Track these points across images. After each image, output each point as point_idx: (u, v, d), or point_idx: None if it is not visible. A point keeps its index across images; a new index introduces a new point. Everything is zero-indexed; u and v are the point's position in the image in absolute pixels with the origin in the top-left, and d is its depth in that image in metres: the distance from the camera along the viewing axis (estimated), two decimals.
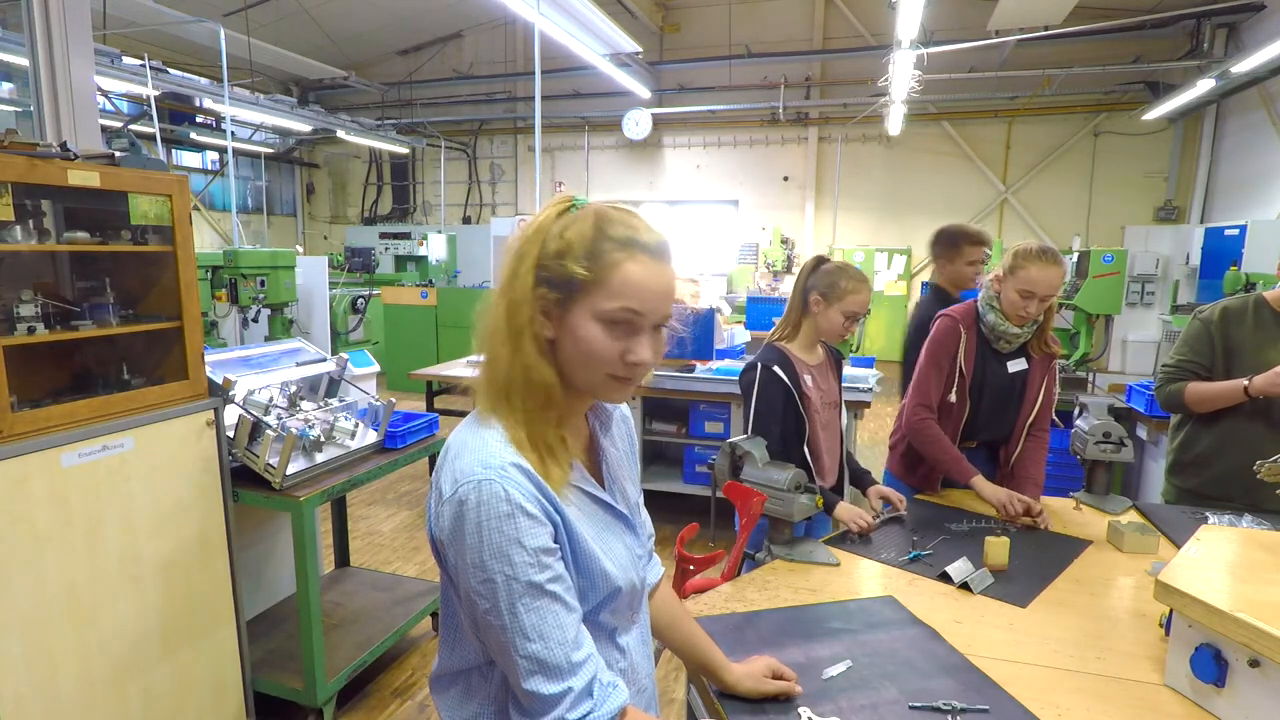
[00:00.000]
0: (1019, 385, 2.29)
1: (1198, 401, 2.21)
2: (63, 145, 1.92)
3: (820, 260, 2.15)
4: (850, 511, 1.99)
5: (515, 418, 0.90)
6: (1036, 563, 1.82)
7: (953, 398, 2.25)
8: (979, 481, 2.12)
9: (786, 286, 9.82)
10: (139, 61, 6.64)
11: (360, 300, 6.88)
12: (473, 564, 0.84)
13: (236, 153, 10.04)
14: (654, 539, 1.17)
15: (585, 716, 0.85)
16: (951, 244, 2.97)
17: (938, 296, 2.94)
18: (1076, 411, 2.35)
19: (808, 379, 2.12)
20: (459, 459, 0.88)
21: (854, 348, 4.44)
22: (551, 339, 0.91)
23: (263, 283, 4.42)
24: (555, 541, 0.88)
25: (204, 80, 8.39)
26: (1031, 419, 2.28)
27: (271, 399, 2.54)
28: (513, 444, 0.88)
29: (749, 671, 1.20)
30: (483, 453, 0.87)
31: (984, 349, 2.28)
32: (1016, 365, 2.28)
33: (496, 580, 0.83)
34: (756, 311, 7.39)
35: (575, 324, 0.89)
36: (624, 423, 1.14)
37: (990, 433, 2.34)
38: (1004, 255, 2.18)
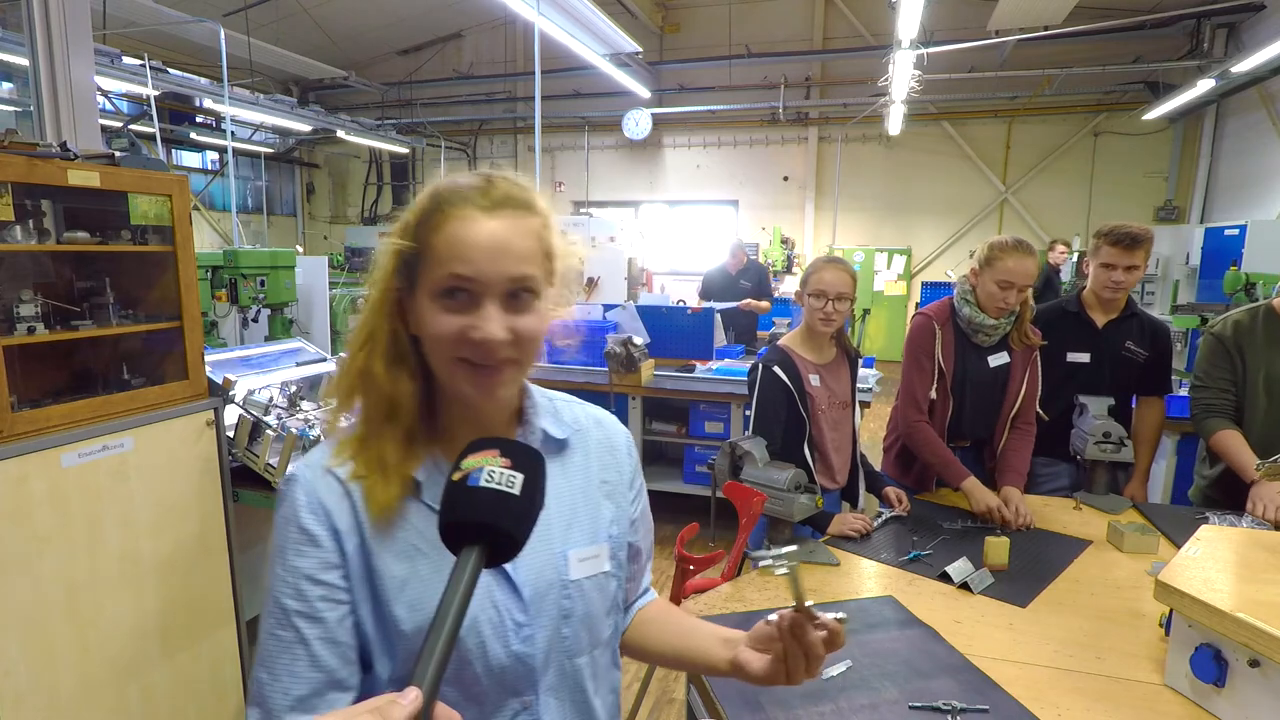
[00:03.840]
0: (1002, 379, 2.31)
1: (1219, 450, 2.22)
2: (63, 145, 1.92)
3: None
4: (842, 524, 1.99)
5: (360, 424, 0.80)
6: (1036, 563, 1.82)
7: (933, 394, 2.27)
8: (970, 485, 2.13)
9: (787, 286, 9.82)
10: (139, 61, 6.64)
11: (360, 300, 6.85)
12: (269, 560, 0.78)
13: (236, 153, 10.04)
14: (633, 588, 0.98)
15: None
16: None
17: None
18: (1077, 411, 2.35)
19: (813, 378, 2.12)
20: None
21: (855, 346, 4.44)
22: (415, 336, 0.79)
23: (263, 283, 4.42)
24: (343, 575, 0.76)
25: (204, 80, 8.38)
26: (1015, 411, 2.30)
27: (271, 399, 2.55)
28: (336, 451, 0.80)
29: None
30: (315, 452, 0.81)
31: (963, 344, 2.30)
32: (998, 359, 2.30)
33: (270, 580, 0.76)
34: None
35: (418, 309, 0.77)
36: (608, 454, 0.93)
37: (978, 429, 2.35)
38: (978, 249, 2.26)
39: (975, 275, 2.25)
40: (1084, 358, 2.42)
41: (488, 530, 0.58)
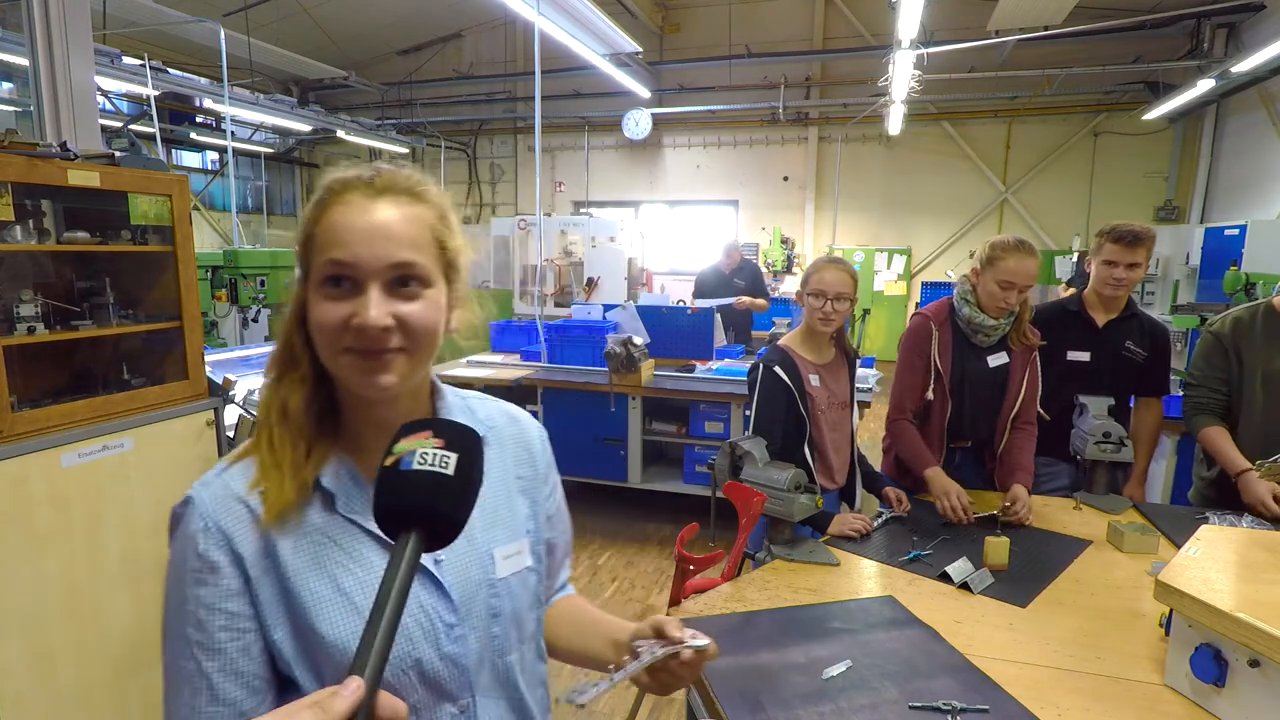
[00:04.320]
0: (1001, 379, 2.30)
1: (1205, 445, 2.26)
2: (63, 145, 1.92)
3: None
4: (842, 524, 2.00)
5: (262, 447, 0.76)
6: (1036, 563, 1.82)
7: (931, 395, 2.27)
8: (931, 473, 2.14)
9: (787, 286, 9.82)
10: (139, 61, 6.63)
11: None
12: (165, 586, 0.75)
13: (236, 153, 10.04)
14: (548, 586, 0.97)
15: None
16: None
17: None
18: (1077, 411, 2.35)
19: (813, 378, 2.12)
20: None
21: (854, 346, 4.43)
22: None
23: (262, 282, 4.43)
24: (247, 602, 0.73)
25: (204, 80, 8.38)
26: (1016, 411, 2.30)
27: None
28: (230, 461, 0.77)
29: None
30: (219, 473, 0.77)
31: (962, 345, 2.30)
32: (998, 360, 2.30)
33: (167, 605, 0.74)
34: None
35: (308, 305, 0.74)
36: (523, 450, 0.92)
37: (979, 429, 2.35)
38: (979, 249, 2.25)
39: (976, 275, 2.25)
40: (1084, 357, 2.42)
41: (424, 514, 0.56)
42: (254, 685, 0.73)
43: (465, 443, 0.60)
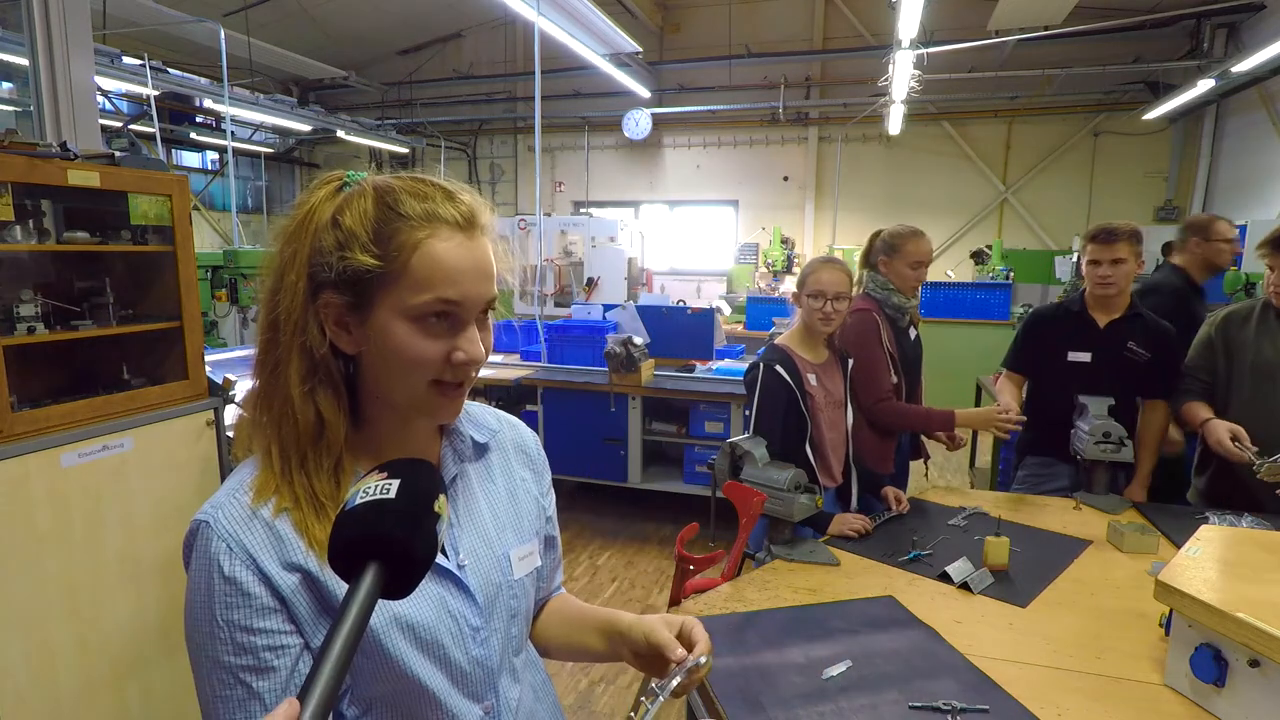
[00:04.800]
0: (919, 351, 2.67)
1: (1182, 414, 2.36)
2: (63, 145, 1.92)
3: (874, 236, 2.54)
4: (842, 523, 2.00)
5: (276, 456, 0.73)
6: (1036, 563, 1.82)
7: (894, 378, 2.44)
8: (962, 413, 2.37)
9: (786, 286, 9.81)
10: (139, 61, 6.63)
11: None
12: (186, 618, 0.71)
13: (236, 153, 10.03)
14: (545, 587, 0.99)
15: None
16: (1201, 229, 3.08)
17: (1188, 283, 3.05)
18: (1077, 411, 2.35)
19: (811, 378, 2.13)
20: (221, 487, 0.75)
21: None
22: (353, 354, 0.75)
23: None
24: (285, 619, 0.70)
25: (204, 80, 8.37)
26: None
27: None
28: (254, 488, 0.73)
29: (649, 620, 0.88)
30: (228, 486, 0.74)
31: (895, 329, 2.51)
32: (914, 333, 2.63)
33: (196, 640, 0.70)
34: (756, 311, 7.41)
35: (381, 329, 0.72)
36: (520, 453, 0.95)
37: (914, 399, 2.63)
38: (875, 242, 2.56)
39: (886, 266, 2.50)
40: (1085, 357, 2.42)
41: (372, 540, 0.54)
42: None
43: (408, 470, 0.59)
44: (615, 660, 0.91)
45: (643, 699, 0.81)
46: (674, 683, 0.79)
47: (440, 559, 0.78)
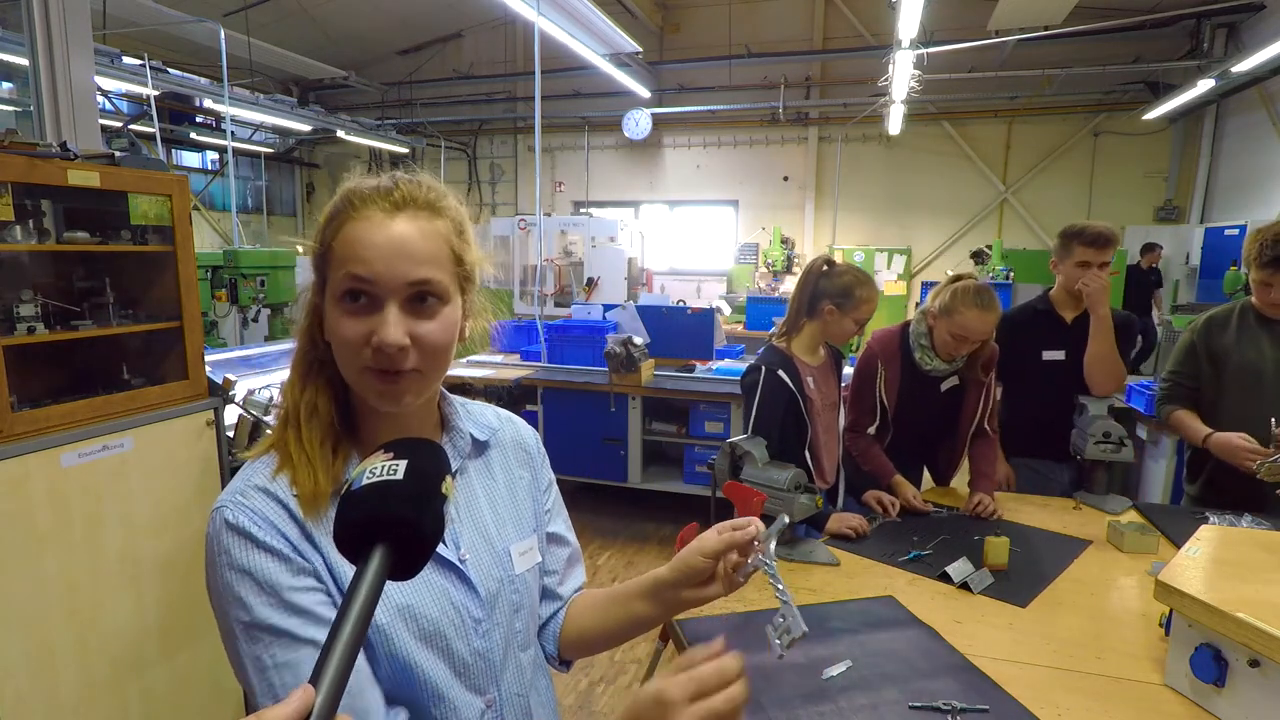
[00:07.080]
0: (954, 400, 2.32)
1: (1176, 429, 2.35)
2: (63, 145, 1.92)
3: (829, 263, 2.14)
4: (840, 521, 2.00)
5: (290, 443, 0.76)
6: (1036, 563, 1.82)
7: (872, 430, 2.30)
8: (896, 481, 2.24)
9: (786, 286, 9.81)
10: (139, 61, 6.63)
11: None
12: (214, 607, 0.72)
13: (236, 153, 10.03)
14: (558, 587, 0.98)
15: None
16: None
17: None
18: (1077, 411, 2.35)
19: (809, 381, 2.12)
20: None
21: (854, 348, 4.44)
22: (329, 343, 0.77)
23: (263, 282, 4.43)
24: (319, 580, 0.72)
25: (204, 80, 8.37)
26: (973, 429, 2.32)
27: (271, 399, 2.55)
28: (270, 471, 0.75)
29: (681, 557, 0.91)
30: (241, 478, 0.76)
31: (911, 373, 2.28)
32: (949, 383, 2.30)
33: (233, 615, 0.70)
34: (756, 311, 7.40)
35: (326, 313, 0.75)
36: (520, 450, 0.95)
37: (928, 446, 2.44)
38: (941, 292, 2.16)
39: (933, 318, 2.19)
40: (1059, 355, 2.43)
41: (380, 521, 0.53)
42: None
43: (415, 450, 0.59)
44: (665, 619, 0.93)
45: (761, 562, 0.87)
46: (772, 545, 0.85)
47: (443, 550, 0.79)
